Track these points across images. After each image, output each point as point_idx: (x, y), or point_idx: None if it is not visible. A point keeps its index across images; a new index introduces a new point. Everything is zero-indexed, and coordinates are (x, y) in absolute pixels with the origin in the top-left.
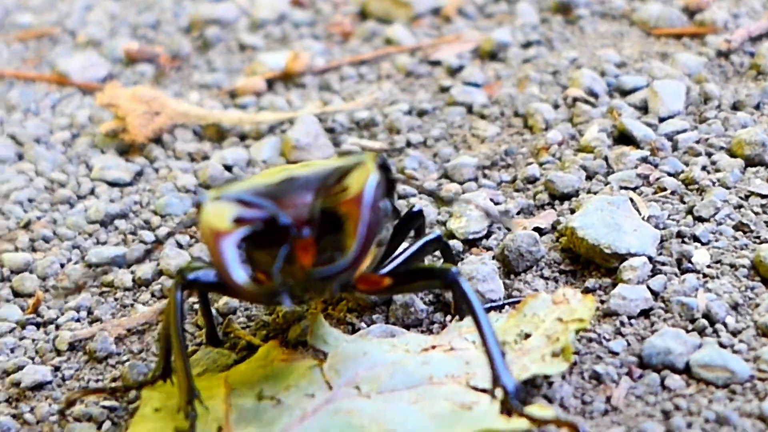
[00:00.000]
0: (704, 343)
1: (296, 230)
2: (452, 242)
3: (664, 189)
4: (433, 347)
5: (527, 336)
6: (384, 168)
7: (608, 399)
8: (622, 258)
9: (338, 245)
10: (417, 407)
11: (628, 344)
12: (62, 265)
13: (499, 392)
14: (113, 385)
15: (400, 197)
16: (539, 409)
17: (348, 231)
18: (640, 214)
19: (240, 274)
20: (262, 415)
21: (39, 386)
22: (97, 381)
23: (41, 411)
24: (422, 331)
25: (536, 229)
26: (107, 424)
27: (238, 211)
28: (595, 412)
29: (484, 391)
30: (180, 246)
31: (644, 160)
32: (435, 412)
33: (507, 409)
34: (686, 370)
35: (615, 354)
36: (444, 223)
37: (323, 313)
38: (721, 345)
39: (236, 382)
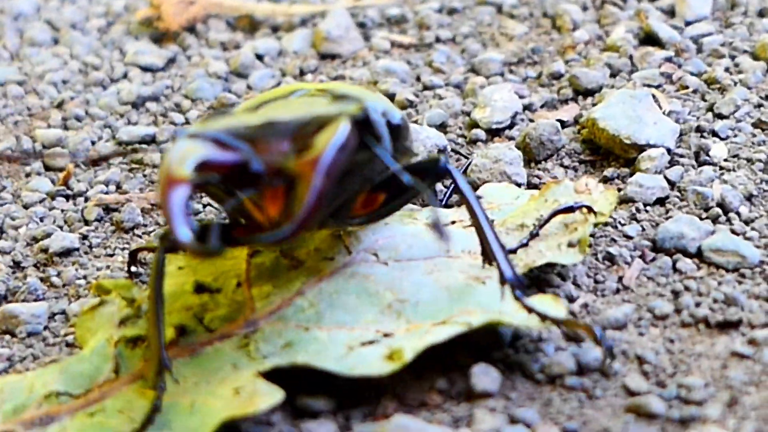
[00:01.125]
0: (717, 230)
1: (268, 178)
2: (476, 131)
3: (686, 87)
4: (453, 222)
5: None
6: (364, 124)
7: (620, 279)
8: (641, 149)
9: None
10: (431, 278)
11: (643, 229)
12: (93, 143)
13: (503, 284)
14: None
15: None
16: (552, 302)
17: (298, 194)
18: (661, 108)
19: (185, 231)
20: (282, 274)
21: (66, 252)
22: (123, 250)
23: (68, 275)
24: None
25: (559, 121)
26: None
27: (209, 153)
28: (607, 291)
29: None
30: None
31: (668, 60)
32: (449, 284)
33: (515, 300)
34: (698, 255)
35: (629, 238)
36: (468, 113)
37: None
38: (734, 232)
39: None
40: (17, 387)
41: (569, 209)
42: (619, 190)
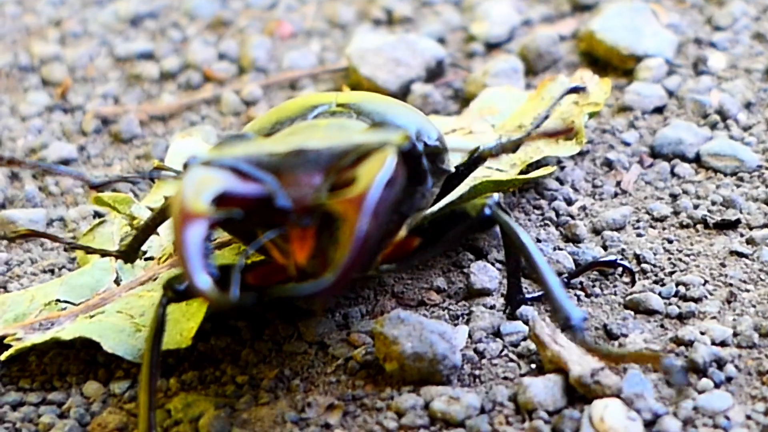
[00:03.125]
0: (715, 136)
1: (296, 216)
2: (474, 45)
3: (684, 1)
4: (454, 130)
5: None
6: (411, 155)
7: (618, 183)
8: (639, 59)
9: (329, 249)
10: None
11: (641, 136)
12: (91, 58)
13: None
14: None
15: None
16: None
17: (340, 238)
18: (659, 21)
19: (203, 278)
20: None
21: (65, 163)
22: (121, 159)
23: (66, 184)
24: None
25: (559, 38)
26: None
27: (230, 184)
28: (605, 194)
29: (497, 171)
30: (207, 42)
31: None
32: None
33: (580, 345)
34: (696, 160)
35: (627, 144)
36: (466, 29)
37: None
38: (732, 138)
39: None
40: (18, 299)
41: (571, 91)
42: (617, 99)
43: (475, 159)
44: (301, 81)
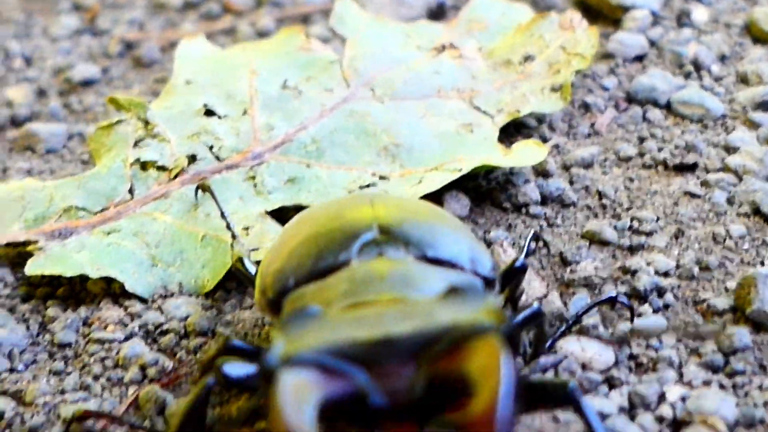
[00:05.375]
0: (687, 85)
1: (392, 414)
2: None
3: None
4: (443, 47)
5: (530, 58)
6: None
7: (592, 125)
8: (627, 9)
9: None
10: (425, 122)
11: (620, 83)
12: None
13: None
14: None
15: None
16: None
17: None
18: None
19: None
20: (286, 104)
21: (88, 83)
22: (140, 83)
23: (88, 101)
24: None
25: None
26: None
27: (326, 390)
28: (579, 135)
29: (485, 113)
30: None
31: None
32: (441, 131)
33: None
34: (667, 106)
35: (605, 89)
36: None
37: None
38: (703, 87)
39: (261, 67)
40: (38, 196)
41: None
42: (601, 46)
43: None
44: (314, 16)
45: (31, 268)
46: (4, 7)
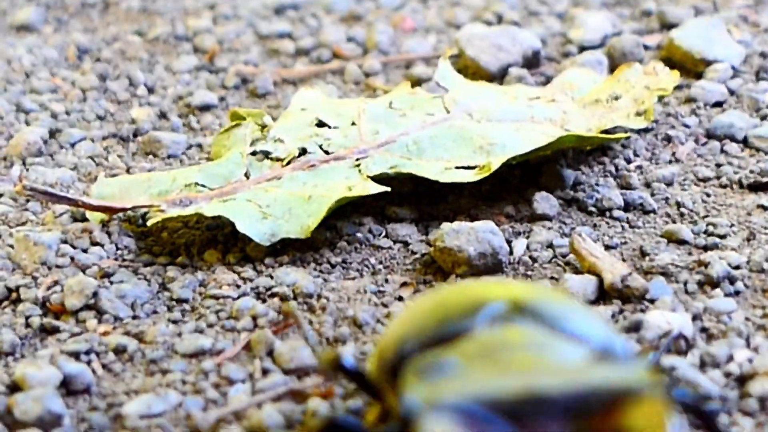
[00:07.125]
0: (762, 124)
1: None
2: (569, 47)
3: (758, 26)
4: (538, 98)
5: (617, 98)
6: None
7: (674, 154)
8: (709, 63)
9: None
10: (518, 133)
11: (700, 122)
12: (237, 35)
13: None
14: None
15: None
16: None
17: None
18: (732, 36)
19: None
20: (391, 119)
21: (206, 107)
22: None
23: (205, 121)
24: None
25: (643, 46)
26: None
27: None
28: (660, 160)
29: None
30: (339, 29)
31: (749, 7)
32: (532, 138)
33: None
34: (744, 141)
35: (687, 126)
36: (564, 34)
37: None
38: None
39: (369, 101)
40: (162, 178)
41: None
42: (685, 93)
43: None
44: (416, 63)
45: (153, 220)
46: (129, 47)
